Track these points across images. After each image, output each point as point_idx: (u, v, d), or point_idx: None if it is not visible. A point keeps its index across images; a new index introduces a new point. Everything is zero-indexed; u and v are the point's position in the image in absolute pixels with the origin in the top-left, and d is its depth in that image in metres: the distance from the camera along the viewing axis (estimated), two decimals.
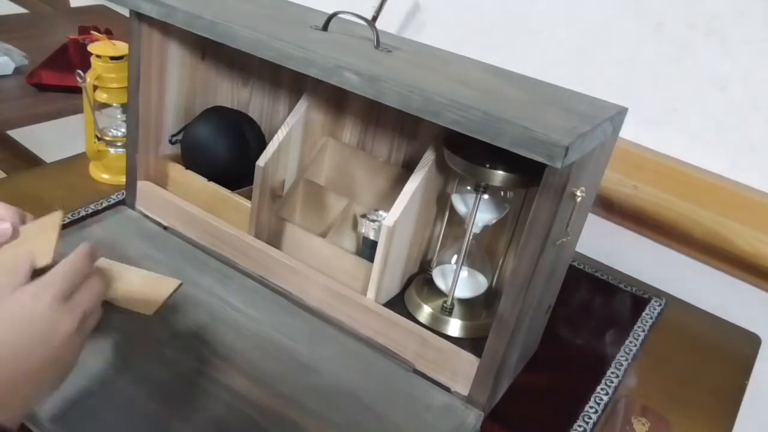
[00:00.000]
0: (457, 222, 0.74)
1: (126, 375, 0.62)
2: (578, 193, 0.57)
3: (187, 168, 0.85)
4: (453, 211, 0.72)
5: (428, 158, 0.69)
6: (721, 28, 0.87)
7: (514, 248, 0.75)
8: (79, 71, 0.89)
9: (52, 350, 0.45)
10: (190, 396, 0.61)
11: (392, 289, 0.76)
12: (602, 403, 0.72)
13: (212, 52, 0.86)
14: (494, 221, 0.70)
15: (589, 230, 0.73)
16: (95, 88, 0.91)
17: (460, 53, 0.73)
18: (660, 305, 0.91)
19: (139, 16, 0.75)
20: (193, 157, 0.85)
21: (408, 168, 0.79)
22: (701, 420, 0.73)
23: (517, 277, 0.59)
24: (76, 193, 0.92)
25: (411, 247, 0.75)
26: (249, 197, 0.78)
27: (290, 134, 0.76)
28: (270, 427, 0.59)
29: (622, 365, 0.78)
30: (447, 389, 0.67)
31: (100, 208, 0.89)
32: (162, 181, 0.87)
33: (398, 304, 0.74)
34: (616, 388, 0.75)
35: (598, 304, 0.90)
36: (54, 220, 0.51)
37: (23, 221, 0.53)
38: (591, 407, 0.71)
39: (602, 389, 0.74)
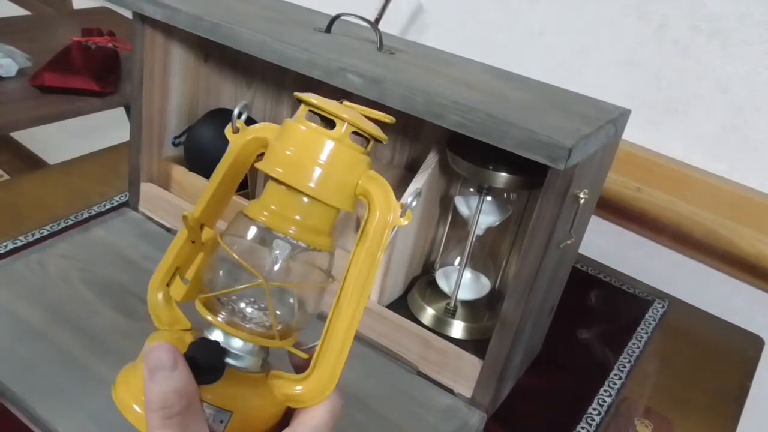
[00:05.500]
0: (460, 224, 0.74)
1: None
2: (581, 195, 0.57)
3: (190, 170, 0.85)
4: (456, 213, 0.72)
5: (431, 160, 0.69)
6: (723, 30, 0.87)
7: (517, 250, 0.75)
8: None
9: None
10: None
11: (395, 291, 0.76)
12: (605, 404, 0.72)
13: (215, 54, 0.86)
14: (497, 223, 0.70)
15: (592, 232, 0.73)
16: None
17: (462, 55, 0.73)
18: (663, 307, 0.91)
19: (142, 18, 0.75)
20: (196, 159, 0.85)
21: (411, 170, 0.79)
22: (704, 422, 0.73)
23: (520, 279, 0.59)
24: (78, 195, 0.92)
25: (414, 249, 0.75)
26: (252, 199, 0.78)
27: None
28: None
29: (625, 367, 0.78)
30: (450, 391, 0.67)
31: (103, 210, 0.89)
32: (165, 183, 0.87)
33: (401, 306, 0.74)
34: (619, 390, 0.74)
35: (601, 306, 0.89)
36: None
37: None
38: (594, 409, 0.71)
39: (605, 391, 0.74)
